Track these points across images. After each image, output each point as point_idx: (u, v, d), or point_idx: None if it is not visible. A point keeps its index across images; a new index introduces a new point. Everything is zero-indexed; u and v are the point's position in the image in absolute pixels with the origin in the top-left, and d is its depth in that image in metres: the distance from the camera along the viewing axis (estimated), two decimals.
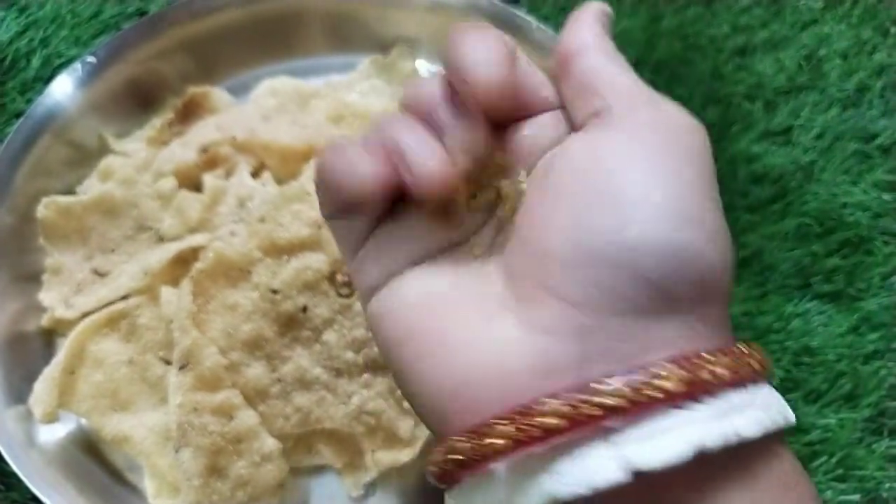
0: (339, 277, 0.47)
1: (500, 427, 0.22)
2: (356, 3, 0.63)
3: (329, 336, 0.46)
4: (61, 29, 0.65)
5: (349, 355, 0.46)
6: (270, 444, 0.45)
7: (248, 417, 0.44)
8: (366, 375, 0.47)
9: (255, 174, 0.54)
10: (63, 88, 0.58)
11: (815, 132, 0.64)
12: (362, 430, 0.46)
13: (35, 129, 0.56)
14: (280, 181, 0.53)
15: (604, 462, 0.21)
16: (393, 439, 0.46)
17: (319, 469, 0.49)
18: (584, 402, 0.21)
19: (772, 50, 0.69)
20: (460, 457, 0.23)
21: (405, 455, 0.46)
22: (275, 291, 0.46)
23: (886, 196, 0.61)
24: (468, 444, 0.23)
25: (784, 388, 0.54)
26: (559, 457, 0.22)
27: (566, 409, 0.21)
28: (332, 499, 0.48)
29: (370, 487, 0.48)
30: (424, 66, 0.64)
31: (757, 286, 0.58)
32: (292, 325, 0.46)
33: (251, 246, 0.47)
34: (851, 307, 0.57)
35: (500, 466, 0.22)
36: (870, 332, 0.56)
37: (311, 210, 0.47)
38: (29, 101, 0.62)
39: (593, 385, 0.21)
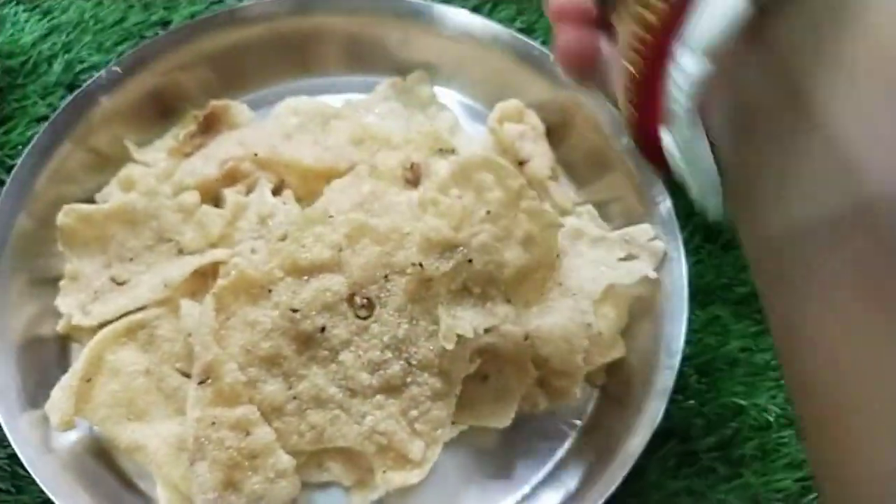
0: (358, 300, 0.48)
1: None
2: (378, 26, 0.64)
3: (345, 356, 0.48)
4: (84, 34, 0.66)
5: (364, 376, 0.48)
6: (285, 460, 0.46)
7: (264, 434, 0.46)
8: (379, 397, 0.48)
9: (276, 192, 0.55)
10: (86, 96, 0.58)
11: None
12: (374, 449, 0.47)
13: (58, 136, 0.57)
14: (300, 199, 0.54)
15: None
16: (403, 460, 0.47)
17: (326, 485, 0.50)
18: None
19: None
20: None
21: (415, 476, 0.47)
22: (294, 310, 0.47)
23: None
24: None
25: (778, 425, 0.56)
26: None
27: None
28: None
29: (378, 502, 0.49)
30: (440, 92, 0.65)
31: (755, 324, 0.60)
32: (310, 344, 0.48)
33: (273, 265, 0.48)
34: None
35: None
36: None
37: (333, 233, 0.49)
38: (50, 106, 0.62)
39: None
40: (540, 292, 0.50)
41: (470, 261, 0.47)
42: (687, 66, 0.24)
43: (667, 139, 0.27)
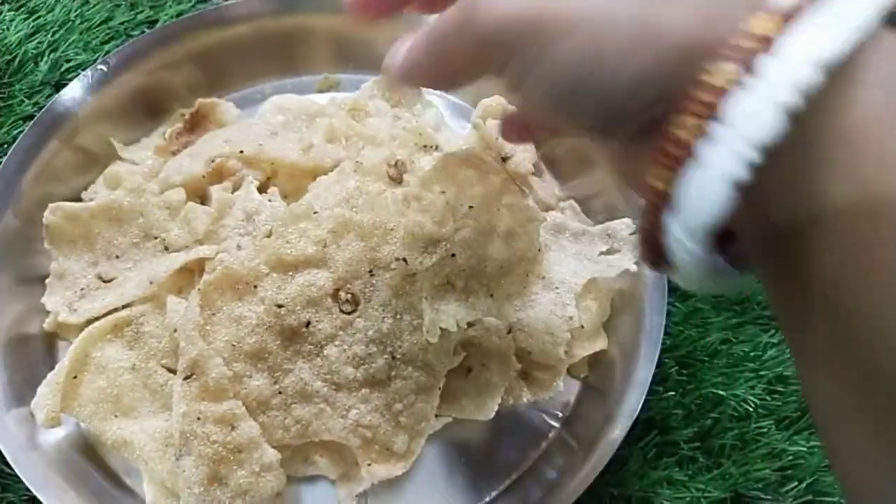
0: (342, 295, 0.49)
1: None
2: (364, 23, 0.64)
3: (330, 351, 0.48)
4: (70, 33, 0.66)
5: (349, 370, 0.48)
6: (270, 454, 0.46)
7: (249, 428, 0.46)
8: (364, 391, 0.48)
9: (262, 188, 0.55)
10: (73, 94, 0.59)
11: None
12: (359, 442, 0.48)
13: (44, 134, 0.57)
14: (286, 197, 0.55)
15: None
16: (387, 453, 0.48)
17: (312, 479, 0.51)
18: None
19: None
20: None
21: (399, 468, 0.47)
22: (279, 306, 0.48)
23: None
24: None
25: (757, 415, 0.56)
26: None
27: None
28: None
29: (363, 499, 0.50)
30: (427, 90, 0.66)
31: (735, 316, 0.61)
32: (295, 339, 0.48)
33: (258, 261, 0.48)
34: None
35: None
36: None
37: (318, 229, 0.49)
38: (36, 104, 0.63)
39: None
40: (522, 286, 0.51)
41: (453, 255, 0.48)
42: (679, 236, 0.24)
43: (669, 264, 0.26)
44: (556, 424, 0.54)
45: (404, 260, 0.47)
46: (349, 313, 0.48)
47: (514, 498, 0.51)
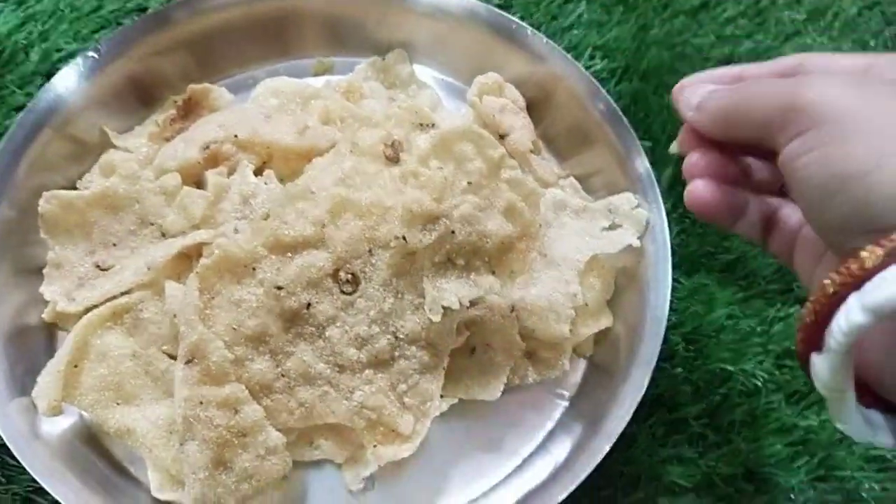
0: (343, 275, 0.48)
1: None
2: (356, 6, 0.64)
3: (332, 332, 0.48)
4: (60, 23, 0.65)
5: (351, 351, 0.48)
6: (275, 437, 0.46)
7: (253, 411, 0.45)
8: (368, 372, 0.48)
9: (257, 172, 0.54)
10: (64, 83, 0.58)
11: None
12: (363, 424, 0.47)
13: (36, 124, 0.56)
14: (282, 180, 0.54)
15: None
16: (393, 434, 0.47)
17: (318, 463, 0.51)
18: None
19: (755, 60, 0.71)
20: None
21: (405, 450, 0.47)
22: (279, 288, 0.47)
23: None
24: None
25: (767, 390, 0.56)
26: None
27: None
28: (330, 492, 0.50)
29: (369, 482, 0.49)
30: (420, 70, 0.65)
31: (741, 290, 0.60)
32: (296, 321, 0.48)
33: (256, 243, 0.48)
34: None
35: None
36: None
37: (315, 209, 0.48)
38: (27, 95, 0.62)
39: None
40: (524, 262, 0.50)
41: (452, 232, 0.47)
42: (853, 314, 0.28)
43: (816, 362, 0.30)
44: (563, 404, 0.54)
45: (403, 238, 0.46)
46: (350, 293, 0.48)
47: (522, 479, 0.51)
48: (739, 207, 0.40)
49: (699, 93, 0.39)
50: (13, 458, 0.47)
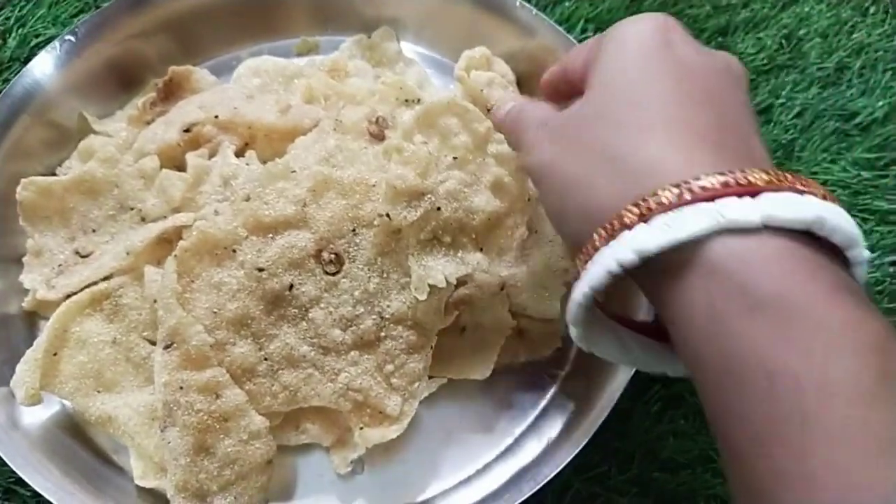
0: (325, 255, 0.47)
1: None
2: None
3: (316, 314, 0.46)
4: (38, 7, 0.64)
5: (336, 333, 0.46)
6: (258, 421, 0.45)
7: (234, 396, 0.44)
8: (353, 353, 0.47)
9: (239, 153, 0.53)
10: (41, 68, 0.57)
11: (795, 111, 0.64)
12: (350, 406, 0.46)
13: (13, 110, 0.55)
14: (264, 160, 0.53)
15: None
16: (380, 416, 0.46)
17: (306, 447, 0.49)
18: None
19: (752, 29, 0.69)
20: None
21: (393, 431, 0.46)
22: (260, 270, 0.46)
23: (865, 174, 0.62)
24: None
25: None
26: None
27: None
28: (319, 476, 0.49)
29: (357, 465, 0.48)
30: (408, 48, 0.64)
31: None
32: (278, 303, 0.46)
33: (236, 224, 0.46)
34: None
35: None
36: None
37: (296, 188, 0.47)
38: (6, 81, 0.61)
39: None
40: (513, 239, 0.49)
41: (438, 209, 0.45)
42: (621, 253, 0.31)
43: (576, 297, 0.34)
44: (555, 383, 0.52)
45: (387, 215, 0.45)
46: (333, 274, 0.47)
47: (515, 458, 0.50)
48: None
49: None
50: None
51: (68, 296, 0.50)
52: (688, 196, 0.30)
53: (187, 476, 0.43)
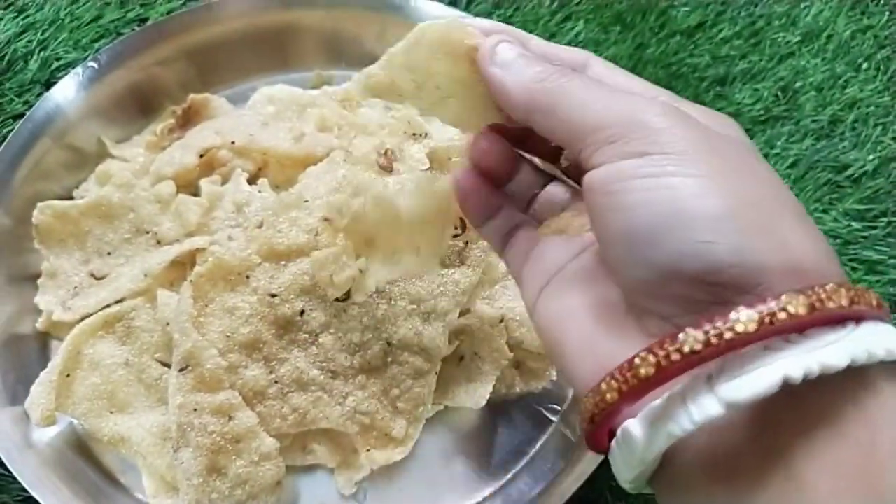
0: None
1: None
2: (355, 20, 0.65)
3: (325, 339, 0.48)
4: (60, 32, 0.66)
5: (344, 358, 0.48)
6: (269, 443, 0.46)
7: (246, 418, 0.45)
8: (360, 377, 0.48)
9: (252, 180, 0.55)
10: (64, 92, 0.58)
11: (789, 161, 0.67)
12: (357, 429, 0.48)
13: (35, 133, 0.57)
14: (277, 187, 0.54)
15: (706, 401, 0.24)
16: (386, 439, 0.48)
17: (311, 468, 0.50)
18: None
19: (750, 80, 0.72)
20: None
21: (398, 454, 0.47)
22: (273, 295, 0.47)
23: (856, 224, 0.64)
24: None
25: None
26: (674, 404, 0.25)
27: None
28: (323, 498, 0.49)
29: (362, 487, 0.49)
30: None
31: None
32: (290, 328, 0.48)
33: (250, 251, 0.48)
34: None
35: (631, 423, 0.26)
36: None
37: (309, 217, 0.49)
38: (26, 103, 0.62)
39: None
40: (442, 239, 0.48)
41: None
42: (707, 405, 0.24)
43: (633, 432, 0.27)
44: (554, 418, 0.54)
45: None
46: (342, 300, 0.48)
47: (513, 491, 0.51)
48: (493, 209, 0.37)
49: (514, 52, 0.32)
50: (4, 467, 0.47)
51: (83, 317, 0.51)
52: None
53: (200, 496, 0.44)
